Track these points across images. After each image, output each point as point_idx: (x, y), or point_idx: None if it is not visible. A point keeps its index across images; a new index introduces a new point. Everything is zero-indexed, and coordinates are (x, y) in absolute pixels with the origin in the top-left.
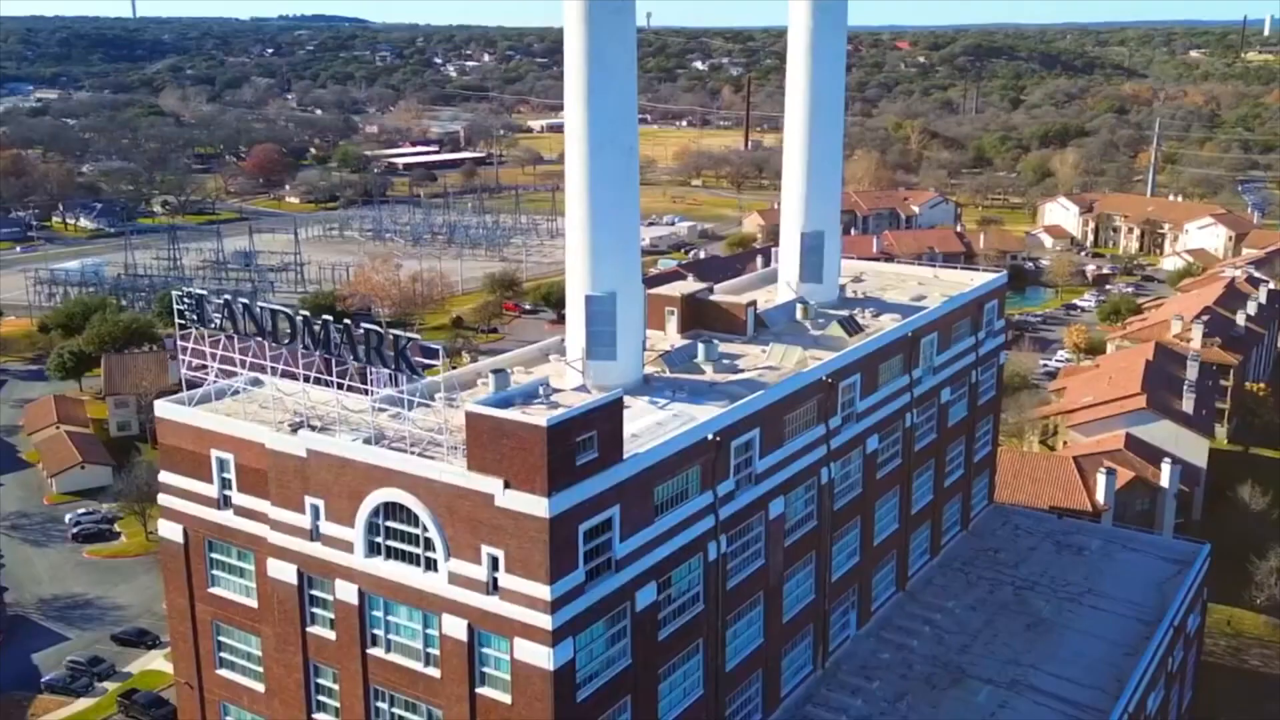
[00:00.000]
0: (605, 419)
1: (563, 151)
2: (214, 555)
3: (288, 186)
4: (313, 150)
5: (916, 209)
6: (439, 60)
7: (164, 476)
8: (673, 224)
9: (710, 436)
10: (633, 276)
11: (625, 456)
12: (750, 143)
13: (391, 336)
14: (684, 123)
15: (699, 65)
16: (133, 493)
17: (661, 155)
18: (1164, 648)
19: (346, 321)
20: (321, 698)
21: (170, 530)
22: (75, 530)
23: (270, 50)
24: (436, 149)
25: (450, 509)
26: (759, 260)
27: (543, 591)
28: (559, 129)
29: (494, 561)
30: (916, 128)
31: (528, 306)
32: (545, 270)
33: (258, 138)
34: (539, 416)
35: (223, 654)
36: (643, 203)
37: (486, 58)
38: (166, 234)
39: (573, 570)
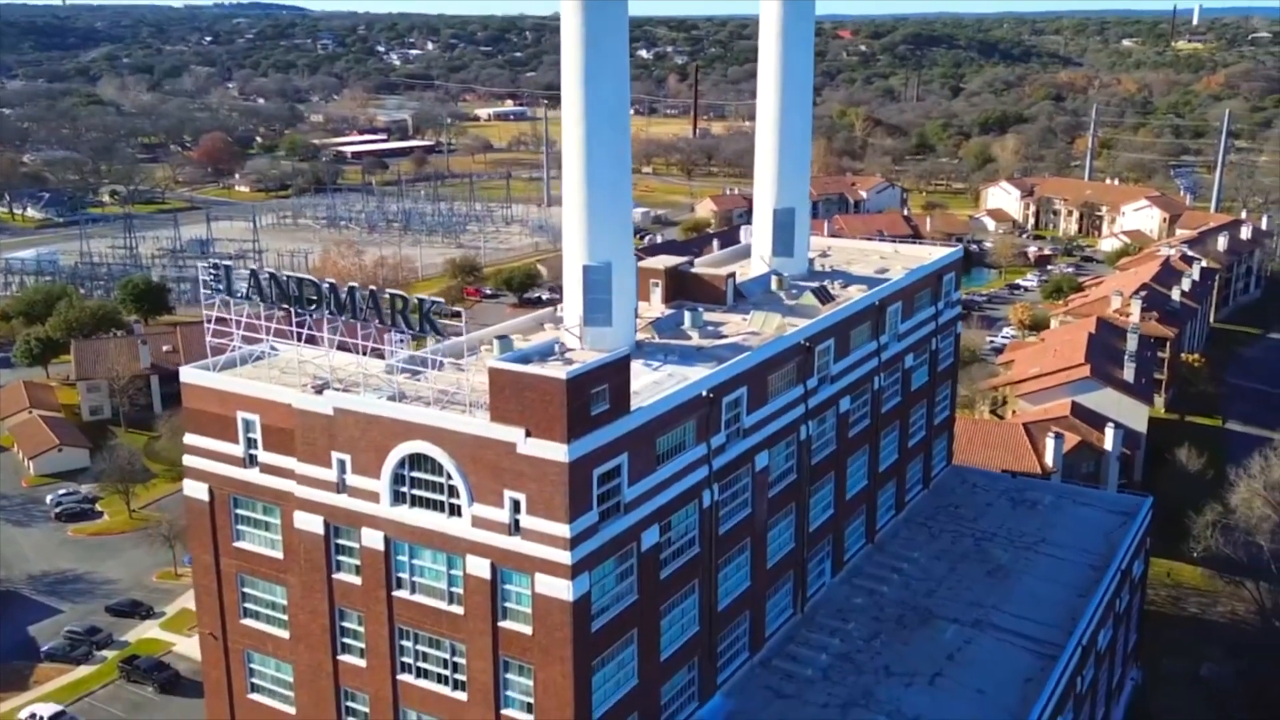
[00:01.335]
0: (615, 373)
1: (512, 140)
2: (239, 511)
3: (238, 175)
4: (259, 139)
5: (864, 194)
6: (382, 48)
7: (189, 439)
8: None
9: (705, 393)
10: (626, 248)
11: (632, 409)
12: (698, 130)
13: (416, 300)
14: (631, 111)
15: (644, 54)
16: (115, 473)
17: None
18: (1112, 589)
19: (372, 288)
20: (346, 640)
21: (195, 489)
22: (58, 510)
23: (209, 39)
24: (385, 137)
25: (474, 458)
26: (715, 244)
27: (562, 530)
28: (506, 117)
29: (515, 505)
30: (860, 115)
31: (489, 291)
32: (503, 256)
33: (202, 127)
34: (558, 370)
35: (247, 604)
36: None
37: (430, 46)
38: (120, 223)
39: (588, 511)
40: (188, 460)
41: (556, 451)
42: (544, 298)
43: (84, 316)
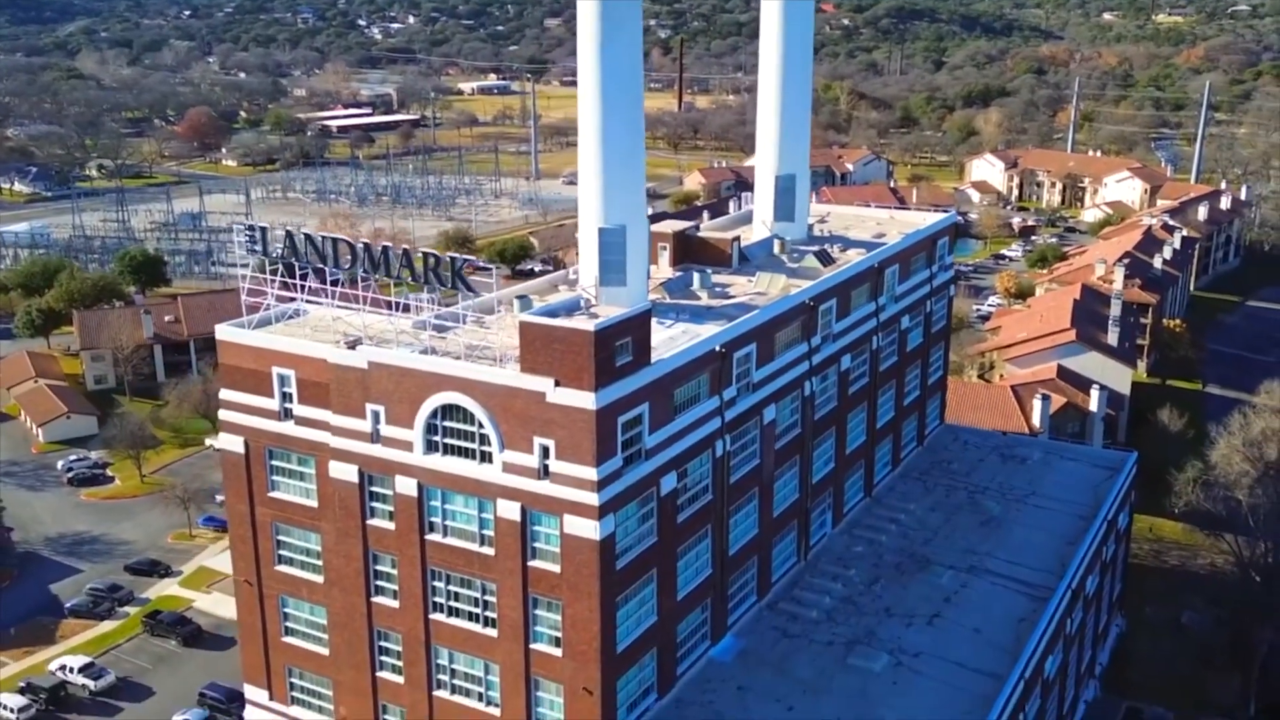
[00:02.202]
0: (638, 327)
1: (498, 114)
2: (274, 463)
3: (224, 150)
4: (243, 114)
5: (850, 166)
6: (363, 22)
7: (224, 394)
8: None
9: (718, 348)
10: (639, 212)
11: (652, 361)
12: (683, 104)
13: (449, 258)
14: None
15: None
16: (125, 439)
17: None
18: (1099, 538)
19: (405, 246)
20: (380, 582)
21: (230, 442)
22: (69, 475)
23: (187, 12)
24: (370, 111)
25: (505, 407)
26: (705, 215)
27: (590, 474)
28: (489, 91)
29: (545, 450)
30: (845, 89)
31: (482, 263)
32: (494, 229)
33: (185, 101)
34: (586, 323)
35: (282, 552)
36: None
37: (411, 19)
38: (111, 196)
39: (613, 456)
40: (223, 415)
41: (585, 399)
42: (536, 270)
43: (85, 288)
